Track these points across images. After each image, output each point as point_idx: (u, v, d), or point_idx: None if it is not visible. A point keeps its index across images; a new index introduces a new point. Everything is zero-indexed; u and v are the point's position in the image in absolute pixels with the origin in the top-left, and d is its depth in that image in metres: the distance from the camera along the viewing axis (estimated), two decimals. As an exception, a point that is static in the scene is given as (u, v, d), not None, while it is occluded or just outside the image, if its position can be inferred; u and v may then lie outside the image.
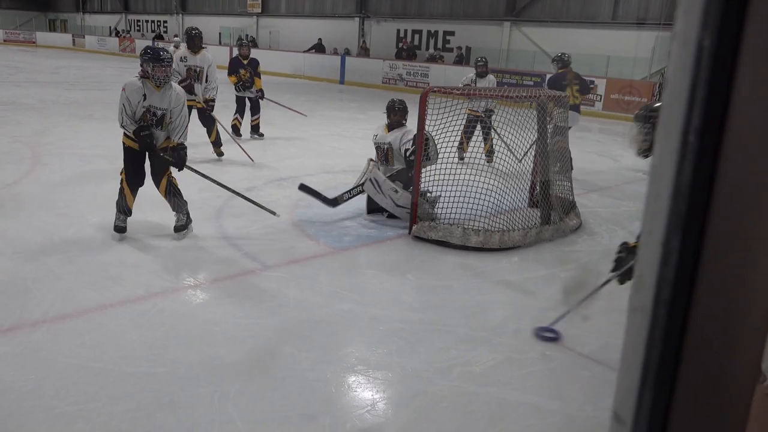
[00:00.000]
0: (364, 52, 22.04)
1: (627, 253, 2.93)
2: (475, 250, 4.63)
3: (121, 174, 4.46)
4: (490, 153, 7.24)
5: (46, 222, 4.74)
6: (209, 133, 7.31)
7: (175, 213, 4.59)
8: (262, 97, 8.80)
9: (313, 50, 23.25)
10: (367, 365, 2.97)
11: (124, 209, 4.47)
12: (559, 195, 5.40)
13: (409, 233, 4.89)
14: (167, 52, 4.37)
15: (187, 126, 4.52)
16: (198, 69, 7.06)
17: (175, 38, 17.91)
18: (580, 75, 7.83)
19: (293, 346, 3.09)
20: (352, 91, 18.89)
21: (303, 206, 5.57)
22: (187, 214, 4.61)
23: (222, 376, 2.78)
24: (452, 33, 20.06)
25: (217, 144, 7.36)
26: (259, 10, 26.93)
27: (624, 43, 15.81)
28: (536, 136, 5.40)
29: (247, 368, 2.86)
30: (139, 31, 34.41)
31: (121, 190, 4.42)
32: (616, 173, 8.06)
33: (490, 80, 8.19)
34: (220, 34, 28.87)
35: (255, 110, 8.85)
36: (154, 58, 4.22)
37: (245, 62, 8.75)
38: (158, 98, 4.30)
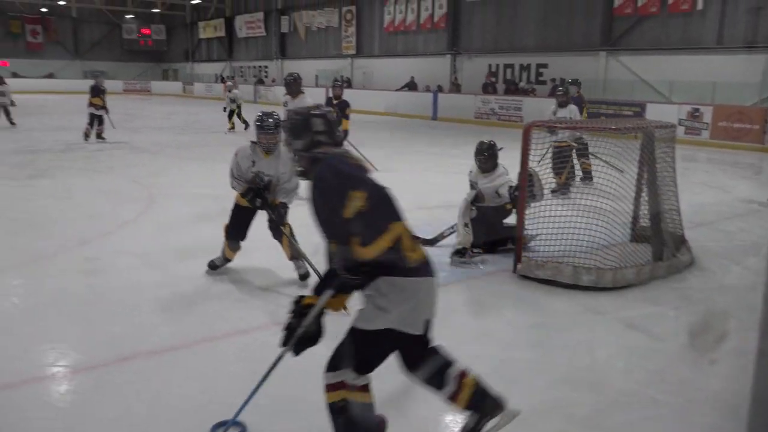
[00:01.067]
0: (455, 87, 22.20)
1: (297, 316, 2.27)
2: (584, 288, 4.43)
3: (225, 225, 4.61)
4: (566, 185, 7.13)
5: (158, 258, 5.05)
6: None
7: (294, 261, 4.56)
8: (344, 139, 8.89)
9: (406, 88, 23.71)
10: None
11: (223, 257, 4.67)
12: (669, 230, 5.11)
13: (514, 271, 4.76)
14: (273, 119, 4.36)
15: (294, 191, 4.51)
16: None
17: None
18: None
19: (393, 384, 3.08)
20: (444, 126, 19.02)
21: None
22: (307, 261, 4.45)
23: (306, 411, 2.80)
24: (545, 65, 19.83)
25: None
26: (354, 52, 27.87)
27: (731, 67, 14.99)
28: (639, 167, 5.17)
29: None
30: (242, 76, 36.46)
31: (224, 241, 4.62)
32: (728, 205, 7.57)
33: (572, 110, 7.91)
34: (317, 76, 30.07)
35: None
36: (259, 126, 4.33)
37: (335, 102, 8.88)
38: (266, 164, 4.39)
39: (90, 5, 39.25)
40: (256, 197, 4.38)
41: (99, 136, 12.54)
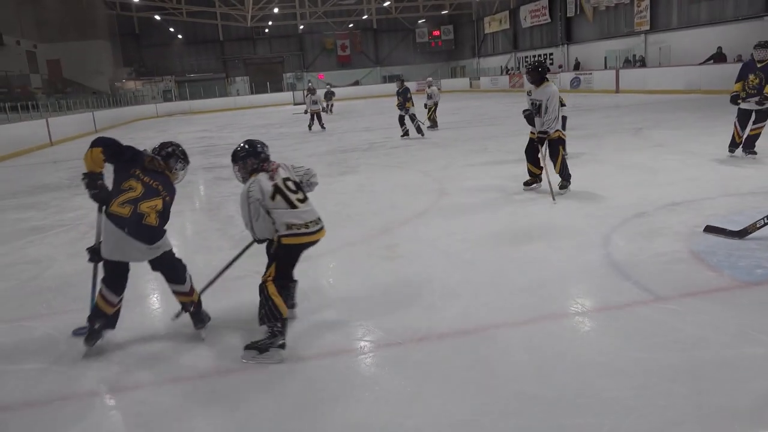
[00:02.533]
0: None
1: None
2: None
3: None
4: None
5: (448, 245, 5.34)
6: (555, 164, 6.92)
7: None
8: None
9: (711, 61, 21.00)
10: (788, 423, 2.49)
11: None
12: None
13: None
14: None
15: None
16: (538, 102, 6.79)
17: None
18: None
19: (691, 388, 2.80)
20: (761, 100, 16.36)
21: (701, 233, 5.03)
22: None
23: (612, 408, 2.68)
24: None
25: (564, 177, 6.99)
26: (648, 28, 25.65)
27: None
28: None
29: (639, 405, 2.69)
30: (527, 65, 36.34)
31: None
32: None
33: None
34: (605, 58, 28.47)
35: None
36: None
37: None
38: None
39: (387, 15, 43.05)
40: None
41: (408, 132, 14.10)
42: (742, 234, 4.79)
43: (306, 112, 18.29)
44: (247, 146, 3.72)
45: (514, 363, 3.17)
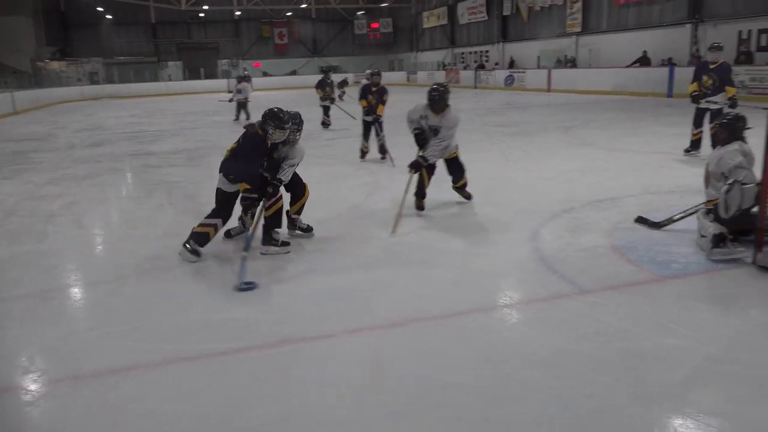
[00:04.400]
0: (696, 60, 19.95)
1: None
2: None
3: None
4: None
5: (381, 237, 5.37)
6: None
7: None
8: (376, 122, 9.63)
9: (637, 64, 21.92)
10: (698, 409, 2.64)
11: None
12: None
13: (753, 262, 4.24)
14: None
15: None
16: (436, 128, 6.39)
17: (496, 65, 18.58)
18: None
19: (611, 377, 2.93)
20: (682, 104, 17.22)
21: (623, 229, 5.26)
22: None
23: (537, 398, 2.77)
24: (815, 27, 16.86)
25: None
26: (579, 29, 26.50)
27: None
28: None
29: (563, 394, 2.80)
30: (463, 62, 36.87)
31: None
32: None
33: None
34: (538, 57, 29.24)
35: (378, 132, 9.56)
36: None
37: (374, 89, 9.78)
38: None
39: (326, 6, 42.70)
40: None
41: (323, 124, 14.30)
42: (659, 225, 5.15)
43: (231, 100, 17.17)
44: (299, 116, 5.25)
45: (445, 355, 3.23)
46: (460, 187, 6.50)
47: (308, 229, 5.50)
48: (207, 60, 43.00)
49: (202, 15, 42.86)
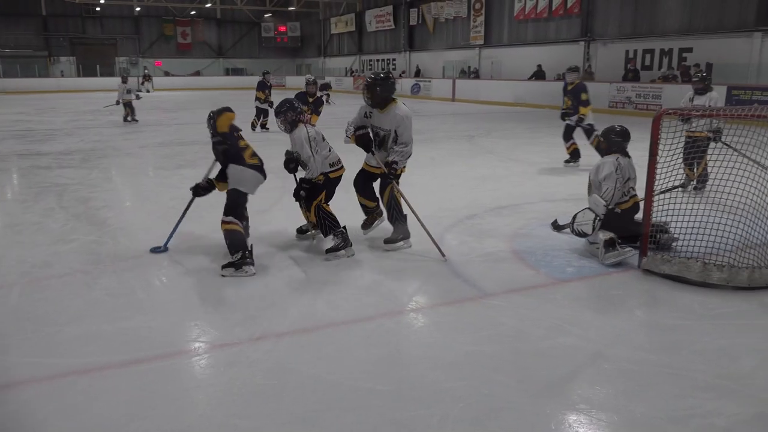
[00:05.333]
0: (589, 75, 21.21)
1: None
2: (718, 288, 4.14)
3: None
4: (702, 179, 6.83)
5: (290, 243, 5.31)
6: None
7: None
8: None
9: (534, 77, 23.02)
10: (590, 404, 2.81)
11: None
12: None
13: (638, 266, 4.56)
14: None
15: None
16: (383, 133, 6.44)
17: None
18: None
19: (512, 377, 3.05)
20: (575, 116, 18.27)
21: (523, 235, 5.50)
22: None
23: (442, 399, 2.84)
24: (689, 50, 18.38)
25: None
26: (482, 42, 27.47)
27: None
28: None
29: (466, 395, 2.88)
30: (370, 69, 37.22)
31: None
32: None
33: (712, 98, 7.17)
34: (443, 67, 30.02)
35: None
36: None
37: (311, 100, 9.99)
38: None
39: (233, 6, 41.79)
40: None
41: (263, 126, 14.23)
42: (559, 228, 5.59)
43: (118, 102, 16.41)
44: (286, 103, 4.93)
45: (352, 359, 3.23)
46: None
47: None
48: (103, 56, 40.87)
49: (98, 9, 40.72)
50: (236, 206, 4.78)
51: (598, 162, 5.02)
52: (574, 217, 4.93)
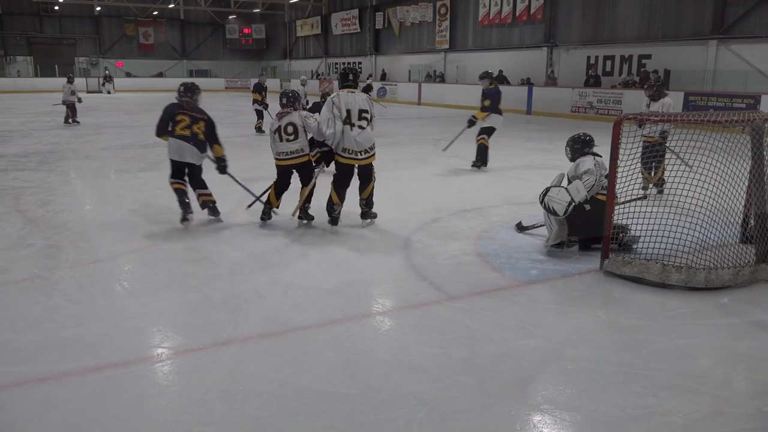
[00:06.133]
0: (551, 81, 21.59)
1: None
2: (676, 289, 4.25)
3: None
4: (660, 183, 7.04)
5: (255, 247, 5.26)
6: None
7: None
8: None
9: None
10: (554, 405, 2.85)
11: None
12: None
13: (600, 268, 4.65)
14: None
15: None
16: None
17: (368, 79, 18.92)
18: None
19: (478, 378, 3.08)
20: (539, 121, 18.59)
21: (487, 238, 5.56)
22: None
23: (408, 402, 2.85)
24: (648, 56, 18.87)
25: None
26: (447, 46, 27.69)
27: None
28: (750, 163, 4.85)
29: (433, 397, 2.90)
30: (336, 72, 37.18)
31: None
32: None
33: (665, 104, 7.39)
34: (409, 71, 30.16)
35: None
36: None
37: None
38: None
39: (196, 7, 41.25)
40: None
41: (258, 129, 14.29)
42: (522, 230, 5.75)
43: (64, 102, 15.95)
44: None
45: (319, 364, 3.22)
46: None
47: (310, 218, 5.97)
48: (62, 56, 39.87)
49: (56, 8, 39.75)
50: (172, 171, 5.98)
51: (576, 161, 5.18)
52: (548, 190, 4.97)
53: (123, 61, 41.90)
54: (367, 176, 5.76)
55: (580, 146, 5.26)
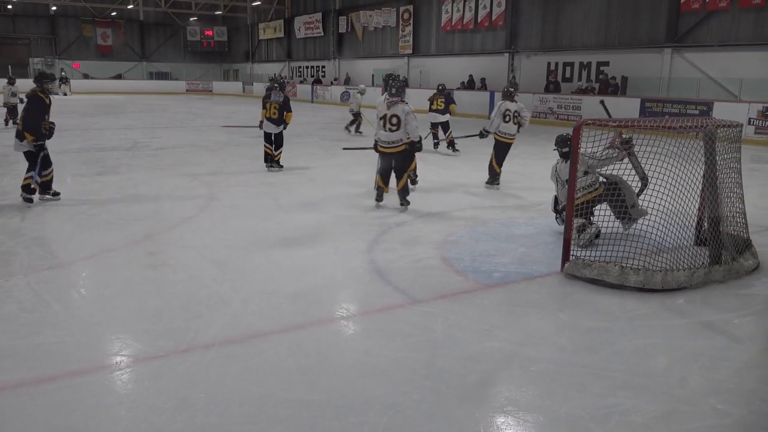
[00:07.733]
0: (512, 87, 21.85)
1: None
2: (634, 291, 4.35)
3: None
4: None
5: (217, 252, 5.19)
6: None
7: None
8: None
9: (462, 85, 23.57)
10: (517, 406, 2.88)
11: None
12: (731, 233, 4.93)
13: (561, 270, 4.72)
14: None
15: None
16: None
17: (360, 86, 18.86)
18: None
19: (441, 382, 3.09)
20: (501, 126, 18.76)
21: (452, 242, 5.60)
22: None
23: (372, 407, 2.84)
24: (606, 63, 19.30)
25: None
26: (410, 51, 27.83)
27: (808, 64, 14.24)
28: (704, 168, 4.99)
29: (397, 401, 2.89)
30: (300, 76, 37.02)
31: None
32: (801, 209, 7.19)
33: (521, 107, 8.83)
34: (373, 75, 30.20)
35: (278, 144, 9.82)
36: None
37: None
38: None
39: (156, 9, 40.57)
40: None
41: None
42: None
43: (4, 104, 15.58)
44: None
45: (282, 370, 3.19)
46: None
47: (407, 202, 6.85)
48: (15, 56, 38.67)
49: (9, 7, 38.58)
50: None
51: (568, 163, 5.41)
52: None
53: (80, 63, 40.86)
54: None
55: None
